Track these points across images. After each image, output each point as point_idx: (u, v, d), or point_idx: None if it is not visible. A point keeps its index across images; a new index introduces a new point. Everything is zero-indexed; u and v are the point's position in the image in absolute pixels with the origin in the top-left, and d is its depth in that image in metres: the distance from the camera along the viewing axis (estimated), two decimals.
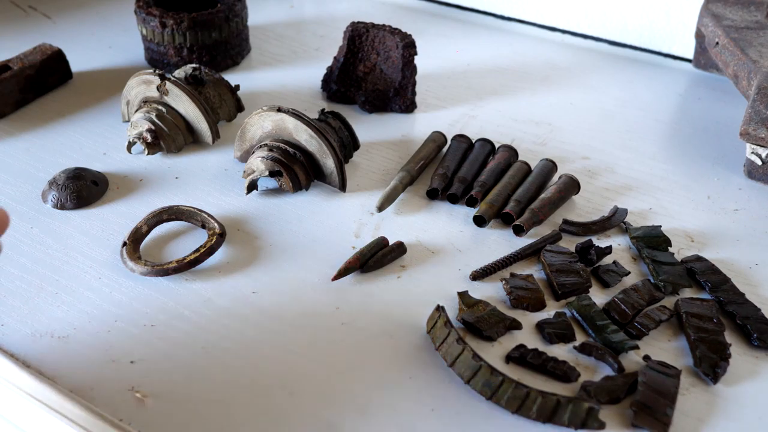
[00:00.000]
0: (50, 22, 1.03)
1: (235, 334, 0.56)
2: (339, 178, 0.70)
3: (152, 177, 0.73)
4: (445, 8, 1.10)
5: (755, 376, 0.54)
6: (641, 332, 0.56)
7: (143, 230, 0.65)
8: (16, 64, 0.82)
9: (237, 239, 0.65)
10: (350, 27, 0.84)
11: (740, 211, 0.70)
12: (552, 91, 0.90)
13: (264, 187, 0.71)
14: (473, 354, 0.51)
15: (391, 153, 0.77)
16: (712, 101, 0.88)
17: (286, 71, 0.92)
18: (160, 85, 0.75)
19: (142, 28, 0.88)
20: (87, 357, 0.54)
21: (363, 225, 0.67)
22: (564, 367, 0.53)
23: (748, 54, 0.77)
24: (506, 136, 0.80)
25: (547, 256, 0.62)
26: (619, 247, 0.65)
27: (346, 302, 0.59)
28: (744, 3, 0.87)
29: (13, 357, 0.54)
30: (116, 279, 0.61)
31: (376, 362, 0.54)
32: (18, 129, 0.80)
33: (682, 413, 0.51)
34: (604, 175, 0.75)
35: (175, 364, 0.54)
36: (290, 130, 0.69)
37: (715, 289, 0.60)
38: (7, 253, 0.63)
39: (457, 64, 0.95)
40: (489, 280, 0.62)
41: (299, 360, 0.54)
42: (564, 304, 0.60)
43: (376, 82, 0.85)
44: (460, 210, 0.69)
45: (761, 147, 0.71)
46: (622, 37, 0.99)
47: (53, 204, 0.68)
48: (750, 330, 0.56)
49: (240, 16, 0.90)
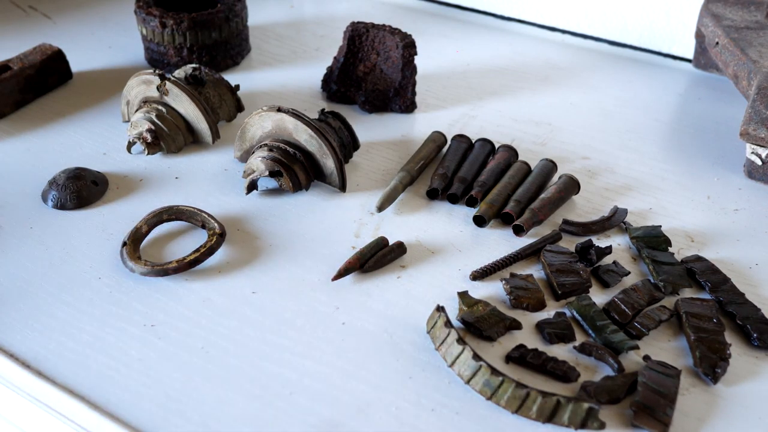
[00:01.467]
0: (50, 22, 1.03)
1: (235, 334, 0.56)
2: (339, 178, 0.70)
3: (152, 177, 0.73)
4: (445, 8, 1.10)
5: (755, 376, 0.54)
6: (641, 332, 0.56)
7: (143, 230, 0.65)
8: (16, 64, 0.82)
9: (237, 239, 0.65)
10: (350, 27, 0.84)
11: (740, 211, 0.70)
12: (552, 91, 0.90)
13: (264, 187, 0.71)
14: (473, 354, 0.51)
15: (391, 153, 0.77)
16: (712, 101, 0.88)
17: (286, 71, 0.92)
18: (160, 85, 0.75)
19: (142, 28, 0.88)
20: (87, 357, 0.54)
21: (363, 225, 0.67)
22: (564, 367, 0.53)
23: (748, 54, 0.77)
24: (506, 136, 0.80)
25: (547, 256, 0.62)
26: (619, 247, 0.65)
27: (346, 302, 0.59)
28: (744, 3, 0.87)
29: (13, 357, 0.54)
30: (116, 279, 0.61)
31: (376, 362, 0.54)
32: (18, 129, 0.80)
33: (682, 413, 0.51)
34: (604, 175, 0.75)
35: (175, 364, 0.54)
36: (290, 130, 0.69)
37: (715, 289, 0.60)
38: (7, 253, 0.63)
39: (457, 64, 0.95)
40: (489, 280, 0.62)
41: (299, 360, 0.54)
42: (564, 304, 0.60)
43: (376, 82, 0.85)
44: (460, 210, 0.69)
45: (761, 147, 0.71)
46: (622, 37, 0.99)
47: (53, 204, 0.68)
48: (750, 330, 0.56)
49: (240, 16, 0.90)
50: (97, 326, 0.57)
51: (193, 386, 0.52)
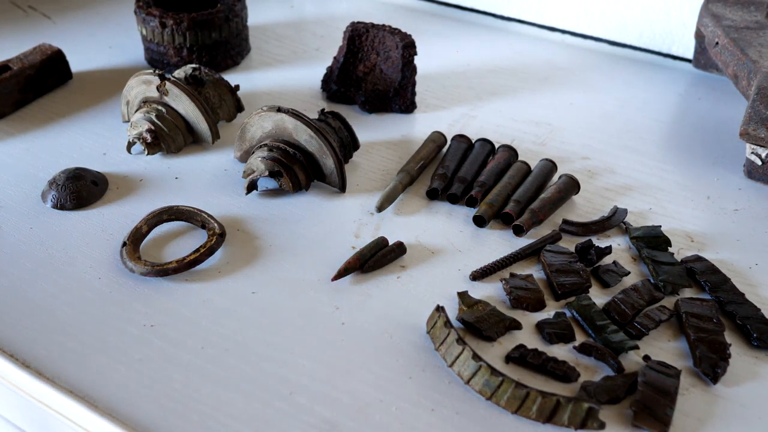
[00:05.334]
0: (50, 22, 1.03)
1: (235, 334, 0.56)
2: (339, 178, 0.70)
3: (152, 177, 0.73)
4: (445, 8, 1.10)
5: (755, 376, 0.54)
6: (641, 332, 0.56)
7: (143, 230, 0.65)
8: (16, 64, 0.82)
9: (237, 239, 0.65)
10: (350, 27, 0.84)
11: (740, 211, 0.70)
12: (552, 91, 0.90)
13: (264, 187, 0.71)
14: (473, 354, 0.51)
15: (391, 153, 0.77)
16: (712, 101, 0.88)
17: (286, 71, 0.92)
18: (160, 85, 0.75)
19: (142, 28, 0.88)
20: (87, 357, 0.54)
21: (363, 225, 0.67)
22: (564, 367, 0.53)
23: (748, 54, 0.77)
24: (506, 136, 0.80)
25: (547, 256, 0.62)
26: (619, 247, 0.65)
27: (345, 302, 0.59)
28: (744, 3, 0.87)
29: (13, 357, 0.54)
30: (116, 279, 0.61)
31: (376, 362, 0.54)
32: (18, 129, 0.80)
33: (682, 413, 0.51)
34: (604, 175, 0.75)
35: (175, 364, 0.54)
36: (290, 130, 0.69)
37: (714, 289, 0.60)
38: (7, 253, 0.63)
39: (457, 64, 0.95)
40: (489, 280, 0.62)
41: (299, 360, 0.54)
42: (564, 304, 0.60)
43: (376, 82, 0.85)
44: (460, 210, 0.69)
45: (761, 147, 0.71)
46: (622, 37, 0.99)
47: (53, 204, 0.68)
48: (750, 330, 0.56)
49: (240, 16, 0.90)
50: (97, 326, 0.57)
51: (193, 386, 0.52)
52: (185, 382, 0.52)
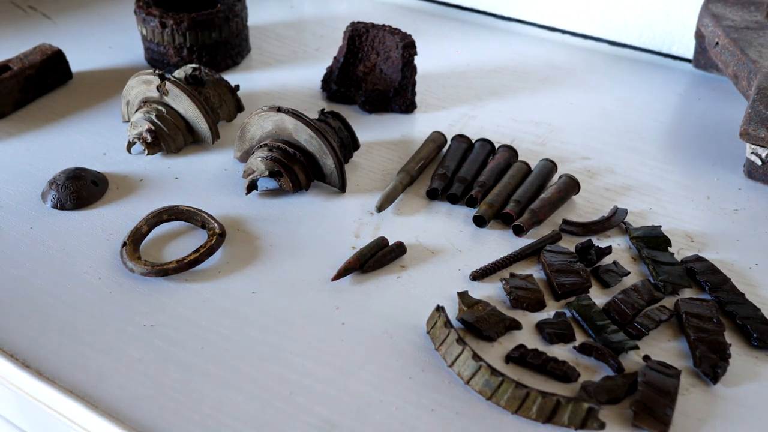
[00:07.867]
0: (50, 22, 1.03)
1: (235, 334, 0.56)
2: (339, 179, 0.70)
3: (152, 177, 0.73)
4: (445, 8, 1.10)
5: (755, 376, 0.54)
6: (641, 332, 0.56)
7: (143, 230, 0.65)
8: (16, 64, 0.82)
9: (237, 239, 0.65)
10: (350, 27, 0.84)
11: (740, 211, 0.70)
12: (552, 91, 0.90)
13: (264, 187, 0.71)
14: (473, 354, 0.51)
15: (391, 153, 0.77)
16: (712, 101, 0.88)
17: (286, 71, 0.92)
18: (160, 85, 0.75)
19: (142, 28, 0.88)
20: (87, 357, 0.54)
21: (363, 225, 0.67)
22: (564, 367, 0.53)
23: (748, 54, 0.77)
24: (506, 136, 0.80)
25: (547, 256, 0.62)
26: (619, 247, 0.65)
27: (346, 302, 0.59)
28: (744, 3, 0.87)
29: (13, 357, 0.54)
30: (116, 279, 0.61)
31: (376, 362, 0.54)
32: (18, 129, 0.80)
33: (682, 413, 0.51)
34: (604, 175, 0.75)
35: (175, 364, 0.54)
36: (290, 130, 0.69)
37: (714, 290, 0.60)
38: (7, 253, 0.63)
39: (457, 64, 0.95)
40: (489, 280, 0.62)
41: (299, 360, 0.54)
42: (564, 304, 0.60)
43: (376, 82, 0.85)
44: (460, 210, 0.69)
45: (761, 147, 0.71)
46: (622, 37, 0.99)
47: (53, 204, 0.68)
48: (750, 330, 0.56)
49: (240, 16, 0.90)
50: (97, 326, 0.57)
51: (193, 386, 0.52)
52: (185, 382, 0.52)
